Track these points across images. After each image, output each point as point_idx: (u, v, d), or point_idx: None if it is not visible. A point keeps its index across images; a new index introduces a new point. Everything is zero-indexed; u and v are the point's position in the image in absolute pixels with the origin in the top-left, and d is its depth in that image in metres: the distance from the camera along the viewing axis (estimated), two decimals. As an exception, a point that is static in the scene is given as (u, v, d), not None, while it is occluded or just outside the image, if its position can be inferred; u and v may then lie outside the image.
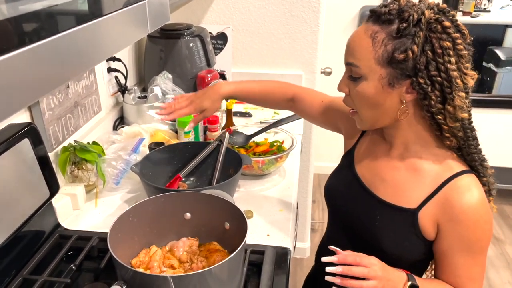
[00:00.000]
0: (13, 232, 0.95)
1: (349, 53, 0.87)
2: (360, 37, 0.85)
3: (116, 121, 1.63)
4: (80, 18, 0.56)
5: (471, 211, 0.84)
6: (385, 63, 0.82)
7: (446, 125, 0.85)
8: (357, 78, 0.86)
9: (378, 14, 0.83)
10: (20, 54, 0.44)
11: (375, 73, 0.84)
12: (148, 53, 1.81)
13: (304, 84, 2.13)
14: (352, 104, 0.91)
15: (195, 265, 0.94)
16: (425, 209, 0.88)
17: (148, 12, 0.78)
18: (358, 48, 0.85)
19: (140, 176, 1.18)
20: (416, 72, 0.81)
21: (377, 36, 0.82)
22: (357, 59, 0.85)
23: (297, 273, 2.40)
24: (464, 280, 0.88)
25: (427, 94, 0.82)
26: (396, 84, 0.83)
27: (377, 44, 0.82)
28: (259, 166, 1.38)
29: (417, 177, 0.90)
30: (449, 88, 0.81)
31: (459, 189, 0.86)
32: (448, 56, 0.80)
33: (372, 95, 0.86)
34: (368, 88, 0.85)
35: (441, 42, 0.80)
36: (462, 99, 0.82)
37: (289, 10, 2.00)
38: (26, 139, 1.00)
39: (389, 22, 0.81)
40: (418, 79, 0.81)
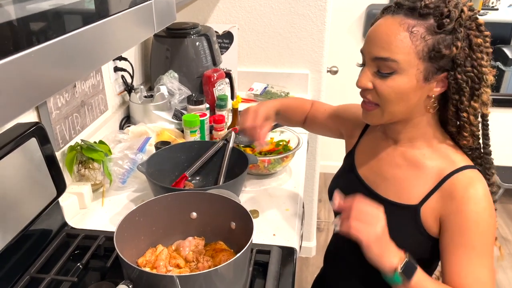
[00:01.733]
0: (21, 231, 0.95)
1: (381, 47, 0.83)
2: (395, 30, 0.82)
3: (123, 120, 1.63)
4: (87, 19, 0.56)
5: (473, 203, 0.84)
6: (425, 58, 0.82)
7: (468, 123, 0.86)
8: (389, 73, 0.84)
9: (411, 8, 0.82)
10: (28, 54, 0.44)
11: (412, 67, 0.82)
12: (154, 52, 1.81)
13: (310, 83, 2.13)
14: (376, 99, 0.88)
15: (201, 265, 0.94)
16: (427, 204, 0.88)
17: (154, 11, 0.78)
18: (395, 41, 0.82)
19: (146, 175, 1.18)
20: (454, 67, 0.82)
21: (416, 30, 0.81)
22: (394, 53, 0.82)
23: (303, 272, 2.40)
24: (471, 282, 0.83)
25: (461, 89, 0.83)
26: (431, 78, 0.84)
27: (416, 38, 0.81)
28: (265, 165, 1.37)
29: (419, 173, 0.90)
30: (478, 84, 0.83)
31: (462, 182, 0.85)
32: (481, 53, 0.82)
33: (405, 89, 0.84)
34: (402, 83, 0.83)
35: (476, 39, 0.82)
36: (487, 95, 0.85)
37: (295, 9, 2.00)
38: (33, 138, 1.00)
39: (426, 16, 0.81)
40: (456, 74, 0.82)
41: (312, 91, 2.15)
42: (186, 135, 1.49)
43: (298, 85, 2.12)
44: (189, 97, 1.61)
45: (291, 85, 2.11)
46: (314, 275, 1.28)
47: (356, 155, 1.05)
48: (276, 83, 2.11)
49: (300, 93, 2.12)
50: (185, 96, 1.67)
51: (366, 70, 0.88)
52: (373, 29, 0.87)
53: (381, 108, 0.88)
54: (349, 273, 1.06)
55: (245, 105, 1.95)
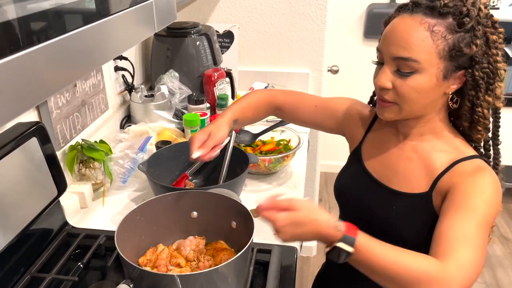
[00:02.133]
0: (22, 230, 0.96)
1: (402, 47, 0.83)
2: (415, 30, 0.82)
3: (123, 120, 1.63)
4: (87, 18, 0.56)
5: (481, 177, 0.85)
6: (446, 57, 0.82)
7: (482, 118, 0.88)
8: (409, 72, 0.84)
9: (432, 7, 0.82)
10: (28, 54, 0.44)
11: (433, 66, 0.83)
12: (155, 51, 1.81)
13: (310, 82, 2.12)
14: (395, 98, 0.88)
15: (201, 264, 0.94)
16: (437, 188, 0.89)
17: (155, 11, 0.78)
18: (416, 41, 0.82)
19: (147, 174, 1.18)
20: (473, 64, 0.84)
21: (437, 30, 0.81)
22: (415, 53, 0.82)
23: (304, 272, 2.40)
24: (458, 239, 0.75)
25: (478, 85, 0.85)
26: (450, 76, 0.85)
27: (437, 38, 0.81)
28: (266, 164, 1.37)
29: (430, 162, 0.92)
30: (492, 79, 0.85)
31: (471, 168, 0.87)
32: (496, 49, 0.84)
33: (425, 88, 0.85)
34: (423, 82, 0.84)
35: (492, 36, 0.84)
36: (501, 89, 0.87)
37: (295, 8, 2.00)
38: (34, 138, 1.00)
39: (446, 15, 0.82)
40: (474, 71, 0.84)
41: (313, 90, 2.15)
42: (187, 134, 1.49)
43: (298, 85, 2.12)
44: (189, 97, 1.61)
45: (292, 84, 2.11)
46: (315, 274, 1.28)
47: (363, 151, 1.05)
48: (276, 82, 2.11)
49: (300, 93, 2.11)
50: (185, 95, 1.67)
51: (386, 69, 0.87)
52: (391, 28, 0.86)
53: (399, 106, 0.89)
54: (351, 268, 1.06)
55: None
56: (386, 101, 0.89)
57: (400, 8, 0.88)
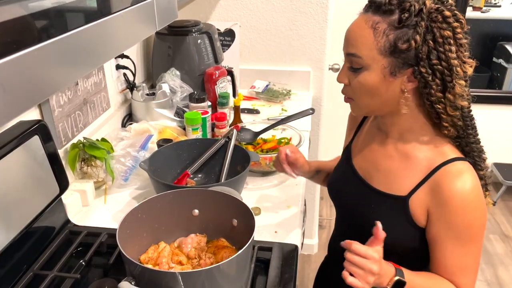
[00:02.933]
0: (24, 228, 0.96)
1: (350, 44, 0.87)
2: (361, 27, 0.85)
3: (125, 118, 1.64)
4: (89, 16, 0.56)
5: (460, 196, 0.84)
6: (387, 53, 0.83)
7: (445, 114, 0.86)
8: (358, 68, 0.86)
9: (378, 5, 0.84)
10: (30, 52, 0.44)
11: (377, 63, 0.84)
12: (156, 50, 1.81)
13: (311, 80, 2.12)
14: (351, 94, 0.91)
15: (203, 262, 0.94)
16: (415, 196, 0.89)
17: (156, 9, 0.78)
18: (360, 38, 0.85)
19: (148, 172, 1.18)
20: (418, 61, 0.83)
21: (379, 27, 0.83)
22: (359, 50, 0.85)
23: (305, 270, 2.40)
24: (455, 270, 0.87)
25: (428, 83, 0.84)
26: (397, 73, 0.85)
27: (379, 35, 0.83)
28: (267, 163, 1.38)
29: (410, 164, 0.91)
30: (449, 76, 0.83)
31: (451, 174, 0.86)
32: (448, 45, 0.81)
33: (374, 84, 0.86)
34: (370, 78, 0.86)
35: (442, 32, 0.81)
36: (462, 87, 0.84)
37: (297, 7, 2.00)
38: (36, 136, 1.01)
39: (390, 12, 0.82)
40: (420, 68, 0.83)
41: (314, 88, 2.15)
42: (188, 132, 1.49)
43: (300, 83, 2.12)
44: (191, 95, 1.62)
45: (293, 82, 2.11)
46: (316, 272, 1.28)
47: (352, 148, 1.07)
48: (278, 80, 2.11)
49: (302, 91, 2.12)
50: (187, 93, 1.68)
51: (344, 65, 0.91)
52: (348, 27, 0.90)
53: (355, 102, 0.92)
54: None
55: (247, 103, 1.96)
56: (346, 97, 0.93)
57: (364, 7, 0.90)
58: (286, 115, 1.51)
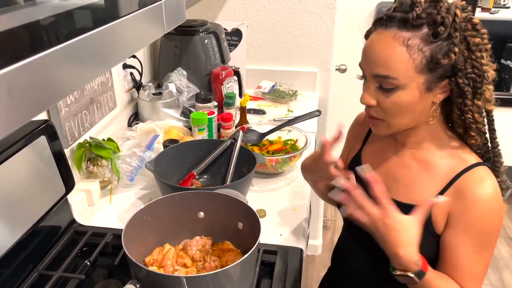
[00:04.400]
0: (30, 228, 0.96)
1: (380, 65, 0.81)
2: (390, 46, 0.80)
3: (131, 117, 1.64)
4: (97, 21, 0.56)
5: (482, 202, 0.84)
6: (425, 70, 0.80)
7: (474, 123, 0.85)
8: (392, 88, 0.82)
9: (404, 19, 0.79)
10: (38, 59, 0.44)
11: (413, 81, 0.81)
12: (163, 49, 1.81)
13: (318, 81, 2.11)
14: (381, 114, 0.87)
15: (208, 264, 0.94)
16: (438, 204, 0.87)
17: (164, 12, 0.78)
18: (392, 58, 0.80)
19: (154, 173, 1.18)
20: (455, 72, 0.81)
21: (411, 43, 0.79)
22: (393, 71, 0.80)
23: (309, 271, 2.40)
24: (465, 275, 0.86)
25: (463, 93, 0.82)
26: (433, 87, 0.83)
27: (413, 51, 0.79)
28: (273, 164, 1.37)
29: (430, 172, 0.90)
30: (480, 83, 0.82)
31: (473, 180, 0.85)
32: (480, 52, 0.81)
33: (409, 103, 0.83)
34: (405, 98, 0.82)
35: (473, 40, 0.81)
36: (490, 91, 0.84)
37: (304, 7, 1.99)
38: (42, 136, 1.01)
39: (420, 26, 0.79)
40: (457, 79, 0.81)
41: (321, 89, 2.14)
42: (194, 133, 1.49)
43: (306, 84, 2.11)
44: (197, 95, 1.61)
45: (300, 83, 2.10)
46: (320, 273, 1.28)
47: (362, 159, 1.04)
48: (284, 81, 2.11)
49: (308, 92, 2.11)
50: (193, 93, 1.67)
51: (369, 86, 0.86)
52: (368, 45, 0.85)
53: (386, 122, 0.87)
54: (357, 273, 1.06)
55: (253, 103, 1.95)
56: (374, 118, 0.88)
57: (376, 22, 0.85)
58: (293, 116, 1.50)
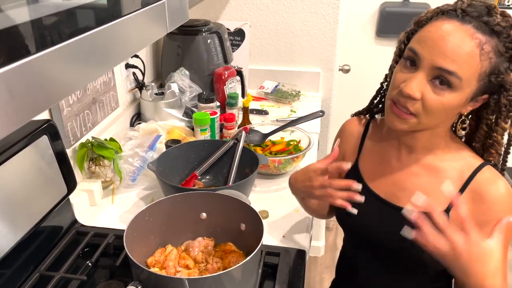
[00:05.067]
0: (32, 228, 0.96)
1: (451, 60, 0.75)
2: (467, 44, 0.75)
3: (133, 117, 1.63)
4: (100, 19, 0.55)
5: (502, 201, 0.83)
6: (484, 79, 0.78)
7: (497, 143, 0.85)
8: (447, 87, 0.77)
9: (486, 21, 0.76)
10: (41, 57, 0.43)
11: (470, 87, 0.78)
12: (165, 49, 1.80)
13: (321, 81, 2.11)
14: (418, 110, 0.80)
15: (210, 266, 0.93)
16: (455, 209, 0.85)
17: (167, 11, 0.77)
18: (464, 56, 0.75)
19: (156, 174, 1.18)
20: (501, 90, 0.80)
21: (485, 48, 0.75)
22: (461, 69, 0.75)
23: (311, 272, 2.39)
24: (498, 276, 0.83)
25: (500, 112, 0.82)
26: (477, 98, 0.81)
27: (484, 58, 0.76)
28: (275, 165, 1.36)
29: (440, 178, 0.88)
30: None
31: (486, 181, 0.85)
32: None
33: (454, 106, 0.80)
34: (455, 100, 0.79)
35: None
36: None
37: (308, 7, 1.98)
38: (44, 135, 1.00)
39: (497, 34, 0.76)
40: (501, 98, 0.80)
41: (324, 89, 2.13)
42: (196, 133, 1.49)
43: (309, 84, 2.10)
44: (199, 95, 1.61)
45: (302, 83, 2.10)
46: (322, 274, 1.27)
47: (361, 169, 0.99)
48: (287, 81, 2.10)
49: (311, 92, 2.10)
50: (195, 93, 1.67)
51: (420, 76, 0.78)
52: (441, 34, 0.77)
53: (418, 119, 0.82)
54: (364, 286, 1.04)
55: (256, 103, 1.95)
56: (407, 112, 0.81)
57: (443, 11, 0.80)
58: (296, 117, 1.49)
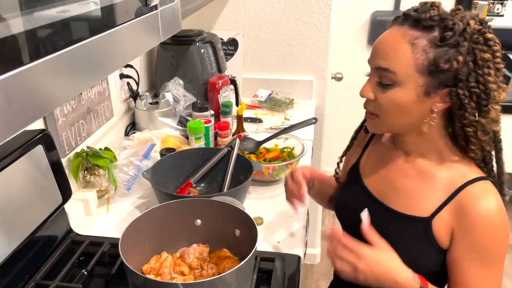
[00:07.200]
0: (27, 237, 0.96)
1: (383, 58, 0.83)
2: (397, 41, 0.81)
3: (128, 127, 1.64)
4: (94, 29, 0.57)
5: (486, 218, 0.82)
6: (425, 72, 0.80)
7: (475, 138, 0.84)
8: (389, 84, 0.83)
9: (416, 19, 0.80)
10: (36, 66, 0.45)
11: (412, 81, 0.81)
12: (159, 59, 1.82)
13: (314, 89, 2.13)
14: (376, 110, 0.87)
15: (205, 272, 0.94)
16: (439, 217, 0.86)
17: (160, 21, 0.79)
18: (395, 53, 0.81)
19: (151, 182, 1.18)
20: (456, 82, 0.80)
21: (418, 42, 0.79)
22: (393, 65, 0.81)
23: (307, 279, 2.39)
24: None
25: (463, 105, 0.81)
26: (432, 93, 0.82)
27: (418, 51, 0.79)
28: (270, 172, 1.38)
29: (430, 184, 0.89)
30: (485, 100, 0.80)
31: (475, 195, 0.84)
32: (488, 69, 0.79)
33: (404, 103, 0.83)
34: (401, 96, 0.82)
35: (483, 54, 0.79)
36: (497, 111, 0.82)
37: (300, 16, 2.01)
38: (39, 145, 1.01)
39: (430, 28, 0.79)
40: (458, 90, 0.80)
41: (317, 97, 2.15)
42: (191, 141, 1.50)
43: (302, 92, 2.12)
44: (194, 104, 1.62)
45: (296, 91, 2.12)
46: (318, 282, 1.28)
47: (361, 167, 1.03)
48: (280, 89, 2.12)
49: (305, 100, 2.12)
50: (190, 102, 1.68)
51: (371, 79, 0.87)
52: (378, 39, 0.86)
53: (380, 119, 0.88)
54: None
55: (250, 112, 1.96)
56: (369, 112, 0.89)
57: (393, 20, 0.86)
58: (289, 124, 1.51)
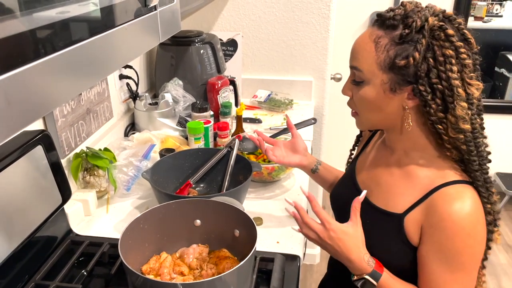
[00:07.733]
0: (26, 238, 0.96)
1: (353, 57, 0.88)
2: (364, 41, 0.86)
3: (128, 128, 1.64)
4: (93, 29, 0.57)
5: (453, 220, 0.80)
6: (386, 69, 0.83)
7: (446, 135, 0.84)
8: (360, 82, 0.87)
9: (383, 19, 0.84)
10: (35, 66, 0.45)
11: (377, 78, 0.85)
12: (159, 60, 1.82)
13: (313, 90, 2.13)
14: (354, 107, 0.93)
15: (204, 272, 0.94)
16: (411, 215, 0.87)
17: (159, 21, 0.79)
18: (362, 52, 0.86)
19: (150, 182, 1.18)
20: (417, 79, 0.81)
21: (380, 41, 0.83)
22: (360, 63, 0.86)
23: (307, 280, 2.39)
24: None
25: (427, 102, 0.82)
26: (397, 89, 0.84)
27: (380, 49, 0.83)
28: (269, 172, 1.38)
29: (409, 183, 0.90)
30: (450, 97, 0.80)
31: (449, 196, 0.83)
32: (450, 65, 0.79)
33: (374, 99, 0.87)
34: (370, 93, 0.87)
35: (443, 50, 0.79)
36: (464, 109, 0.80)
37: (299, 17, 2.01)
38: (39, 146, 1.01)
39: (393, 27, 0.82)
40: (419, 86, 0.82)
41: (316, 98, 2.16)
42: (191, 142, 1.50)
43: (302, 92, 2.13)
44: (193, 104, 1.62)
45: (295, 92, 2.12)
46: (318, 282, 1.28)
47: (358, 162, 1.07)
48: (280, 90, 2.12)
49: (304, 100, 2.12)
50: (189, 103, 1.68)
51: (348, 79, 0.93)
52: (354, 41, 0.90)
53: (359, 116, 0.93)
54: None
55: (249, 112, 1.96)
56: (352, 110, 0.95)
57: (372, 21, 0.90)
58: (288, 125, 1.51)
